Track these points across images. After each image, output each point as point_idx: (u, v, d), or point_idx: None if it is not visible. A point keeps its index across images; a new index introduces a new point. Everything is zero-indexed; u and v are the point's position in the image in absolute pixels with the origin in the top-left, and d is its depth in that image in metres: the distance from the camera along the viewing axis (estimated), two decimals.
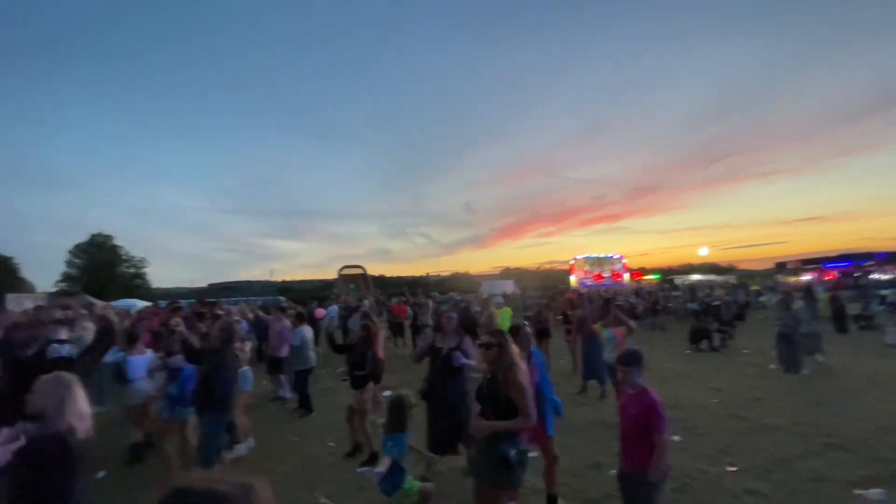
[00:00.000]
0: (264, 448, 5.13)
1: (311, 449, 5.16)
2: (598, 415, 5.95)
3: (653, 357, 10.25)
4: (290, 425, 6.09)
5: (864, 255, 35.31)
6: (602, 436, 5.12)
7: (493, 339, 2.82)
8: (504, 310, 9.84)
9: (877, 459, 4.23)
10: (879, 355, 9.20)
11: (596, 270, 34.13)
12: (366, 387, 4.75)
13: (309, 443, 5.38)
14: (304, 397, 6.47)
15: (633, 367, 2.90)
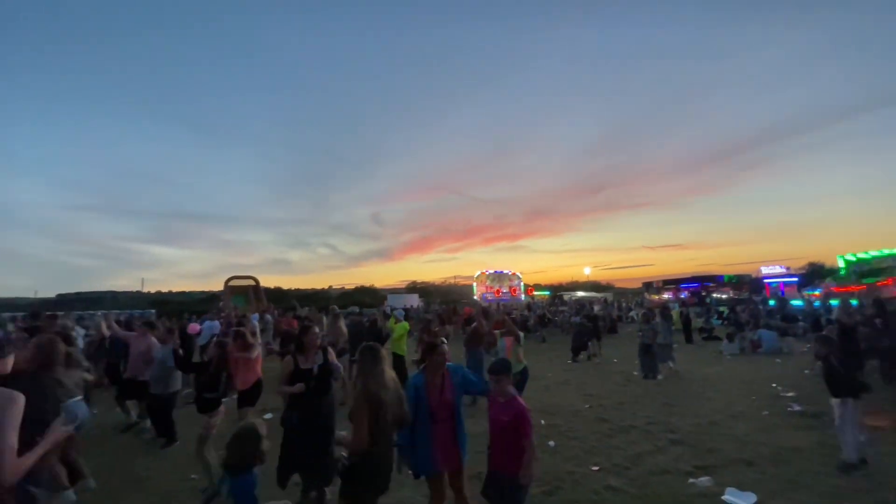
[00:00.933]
0: (107, 487, 4.35)
1: (165, 484, 4.51)
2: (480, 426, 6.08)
3: (539, 367, 10.96)
4: (144, 459, 5.27)
5: (710, 278, 42.12)
6: (483, 446, 5.27)
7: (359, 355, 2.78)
8: (402, 324, 9.78)
9: (708, 451, 4.94)
10: (716, 362, 10.93)
11: (496, 286, 36.00)
12: (216, 411, 4.34)
13: (164, 477, 4.69)
14: (166, 425, 5.67)
15: (502, 376, 3.03)
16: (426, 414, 2.92)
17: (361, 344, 2.94)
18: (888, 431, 5.17)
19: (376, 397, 2.56)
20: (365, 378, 2.64)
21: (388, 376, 2.70)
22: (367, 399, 2.55)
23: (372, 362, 2.69)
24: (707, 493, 3.95)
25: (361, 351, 2.80)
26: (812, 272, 40.40)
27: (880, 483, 3.93)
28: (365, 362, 2.70)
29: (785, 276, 32.01)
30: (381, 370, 2.68)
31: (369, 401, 2.54)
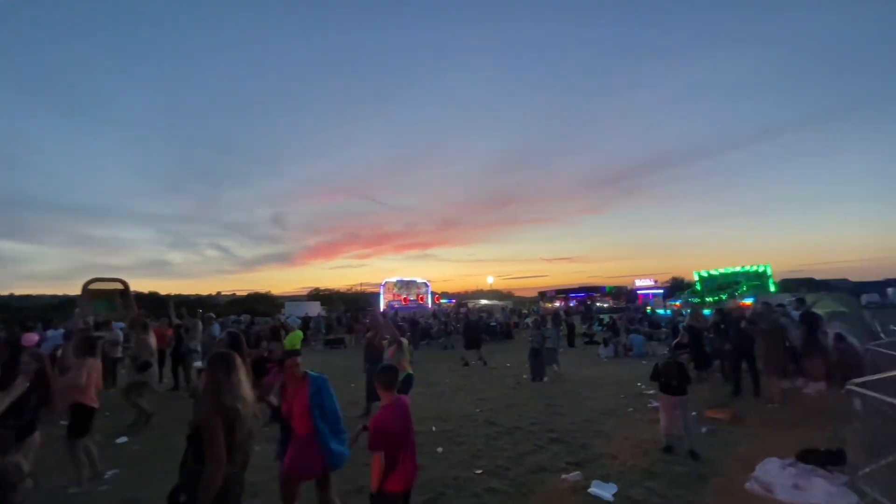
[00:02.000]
0: None
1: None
2: None
3: (437, 373, 11.03)
4: None
5: (595, 289, 46.63)
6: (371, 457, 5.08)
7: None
8: (296, 333, 9.16)
9: (581, 447, 5.30)
10: (594, 365, 11.98)
11: (404, 293, 35.81)
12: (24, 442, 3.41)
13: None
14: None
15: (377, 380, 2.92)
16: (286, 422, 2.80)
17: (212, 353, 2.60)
18: (726, 423, 6.02)
19: (231, 410, 2.25)
20: (217, 389, 2.31)
21: (245, 387, 2.40)
22: (220, 412, 2.23)
23: (225, 371, 2.37)
24: (577, 486, 4.20)
25: (211, 359, 2.46)
26: (674, 285, 46.85)
27: (716, 469, 4.52)
28: (216, 371, 2.37)
29: (653, 288, 36.66)
30: (236, 380, 2.37)
31: (221, 414, 2.22)
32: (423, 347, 17.11)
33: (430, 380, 10.07)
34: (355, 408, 7.56)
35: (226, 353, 2.49)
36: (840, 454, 4.28)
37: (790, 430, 5.59)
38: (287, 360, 3.32)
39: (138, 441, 5.98)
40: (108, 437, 6.08)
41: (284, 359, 3.38)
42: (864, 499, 3.68)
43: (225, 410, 2.24)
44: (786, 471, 4.25)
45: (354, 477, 4.54)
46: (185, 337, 9.10)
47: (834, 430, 5.11)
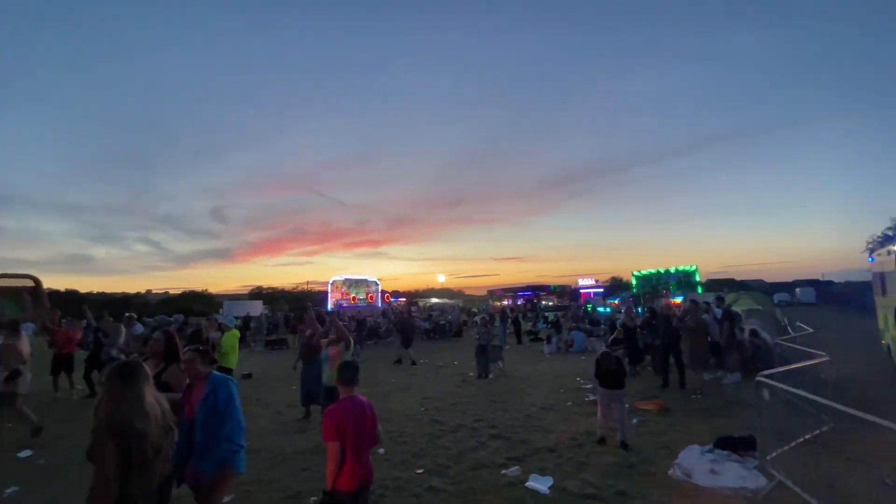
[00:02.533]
0: None
1: None
2: (312, 442, 5.65)
3: (383, 373, 10.88)
4: None
5: (541, 288, 48.17)
6: (311, 462, 4.91)
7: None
8: (232, 332, 8.65)
9: (521, 442, 5.41)
10: (538, 361, 12.33)
11: (353, 292, 35.00)
12: None
13: None
14: None
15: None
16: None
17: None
18: (655, 414, 6.38)
19: (127, 427, 2.03)
20: (110, 403, 2.07)
21: (148, 401, 2.16)
22: (112, 430, 1.99)
23: (121, 384, 2.13)
24: (515, 481, 4.27)
25: (109, 371, 2.22)
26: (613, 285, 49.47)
27: (644, 458, 4.77)
28: (111, 384, 2.13)
29: (595, 287, 38.48)
30: (136, 393, 2.12)
31: (115, 433, 1.99)
32: (371, 347, 16.83)
33: (375, 380, 9.91)
34: (295, 410, 7.30)
35: (126, 363, 2.27)
36: (751, 440, 4.66)
37: (710, 419, 6.04)
38: (186, 354, 3.01)
39: (45, 454, 5.38)
40: (9, 450, 5.44)
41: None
42: (772, 481, 4.02)
43: (118, 429, 2.02)
44: (704, 457, 4.56)
45: (289, 484, 4.36)
46: (104, 343, 8.33)
47: (747, 417, 5.57)
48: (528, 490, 4.07)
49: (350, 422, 2.72)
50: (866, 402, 5.96)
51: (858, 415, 3.44)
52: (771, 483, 3.98)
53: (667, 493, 3.92)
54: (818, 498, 3.55)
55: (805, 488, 3.73)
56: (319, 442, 5.55)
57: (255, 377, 10.86)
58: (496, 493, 4.05)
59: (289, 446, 5.54)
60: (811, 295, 41.89)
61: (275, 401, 8.16)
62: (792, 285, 47.88)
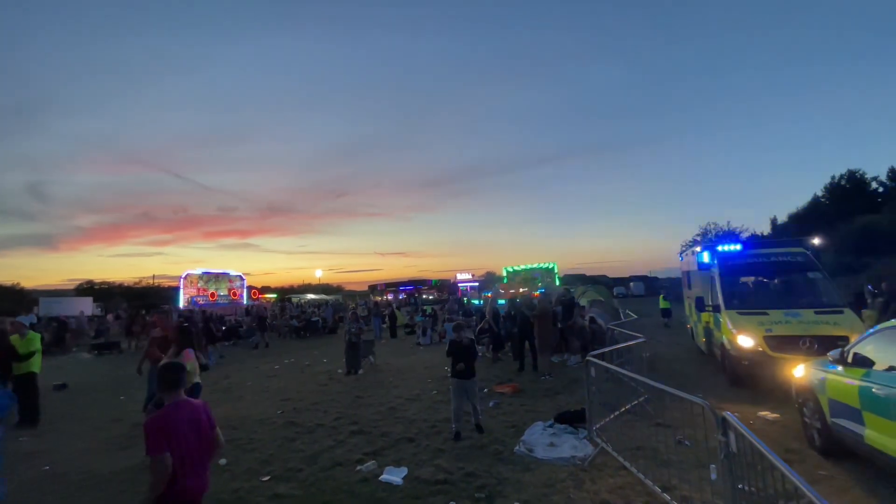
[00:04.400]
0: None
1: None
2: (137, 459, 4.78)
3: (241, 375, 9.88)
4: None
5: (422, 282, 49.16)
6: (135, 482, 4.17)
7: None
8: (31, 336, 6.94)
9: (381, 435, 5.31)
10: (412, 353, 12.45)
11: (211, 288, 31.18)
12: None
13: None
14: None
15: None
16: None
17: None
18: (510, 396, 6.85)
19: None
20: None
21: None
22: None
23: None
24: (369, 476, 4.15)
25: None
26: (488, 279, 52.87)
27: (495, 438, 5.04)
28: None
29: (471, 281, 40.62)
30: None
31: None
32: (229, 348, 15.21)
33: (230, 382, 8.93)
34: (120, 425, 6.20)
35: None
36: (582, 413, 5.25)
37: (555, 397, 6.70)
38: None
39: None
40: None
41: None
42: (597, 448, 4.57)
43: None
44: (545, 432, 5.02)
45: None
46: None
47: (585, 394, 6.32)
48: (382, 483, 3.98)
49: (181, 429, 2.32)
50: (673, 376, 7.28)
51: (661, 387, 4.10)
52: (595, 450, 4.53)
53: (510, 469, 4.18)
54: (631, 460, 4.13)
55: (620, 452, 4.31)
56: (142, 459, 4.74)
57: (72, 387, 9.01)
58: (348, 492, 3.88)
59: (106, 467, 4.63)
60: (641, 288, 50.24)
61: (95, 415, 6.83)
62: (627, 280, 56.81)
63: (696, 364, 9.07)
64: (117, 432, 5.97)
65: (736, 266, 8.04)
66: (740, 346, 6.52)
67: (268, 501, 3.77)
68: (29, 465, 4.80)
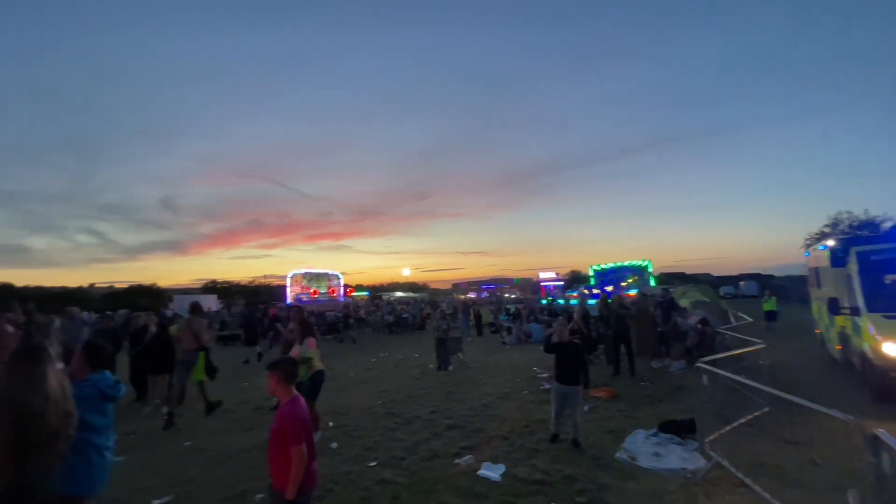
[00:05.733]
0: None
1: None
2: (259, 439, 5.43)
3: (342, 367, 10.68)
4: None
5: (505, 281, 49.04)
6: (260, 460, 4.72)
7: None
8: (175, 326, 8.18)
9: (474, 432, 5.44)
10: (498, 352, 12.49)
11: (313, 286, 34.15)
12: None
13: None
14: None
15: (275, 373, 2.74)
16: None
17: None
18: (605, 400, 6.58)
19: (25, 407, 1.89)
20: (11, 383, 1.94)
21: (51, 383, 2.02)
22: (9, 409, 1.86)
23: (25, 364, 2.01)
24: (468, 470, 4.28)
25: (13, 353, 2.07)
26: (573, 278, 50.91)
27: (593, 443, 4.90)
28: (13, 364, 2.00)
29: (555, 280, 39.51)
30: (40, 375, 1.99)
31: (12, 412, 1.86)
32: (329, 342, 16.51)
33: (333, 375, 9.70)
34: (244, 408, 7.09)
35: (31, 345, 2.13)
36: (692, 424, 4.88)
37: (656, 405, 6.30)
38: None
39: None
40: None
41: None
42: (710, 461, 4.23)
43: (15, 408, 1.88)
44: (649, 441, 4.75)
45: (233, 483, 4.17)
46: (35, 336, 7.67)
47: (690, 402, 5.85)
48: (480, 478, 4.08)
49: (306, 419, 2.67)
50: (801, 387, 6.42)
51: (792, 399, 3.67)
52: (709, 464, 4.19)
53: (612, 476, 4.04)
54: (752, 477, 3.76)
55: (740, 468, 3.94)
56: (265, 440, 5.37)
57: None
58: (448, 483, 4.04)
59: (234, 444, 5.32)
60: (754, 287, 44.77)
61: (224, 398, 7.84)
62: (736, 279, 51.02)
63: (826, 374, 7.93)
64: (242, 414, 6.79)
65: (879, 262, 6.85)
66: (886, 355, 5.59)
67: (375, 485, 4.06)
68: (174, 440, 5.61)
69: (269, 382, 2.79)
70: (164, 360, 7.10)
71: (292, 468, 2.49)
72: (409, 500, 3.78)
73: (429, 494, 3.84)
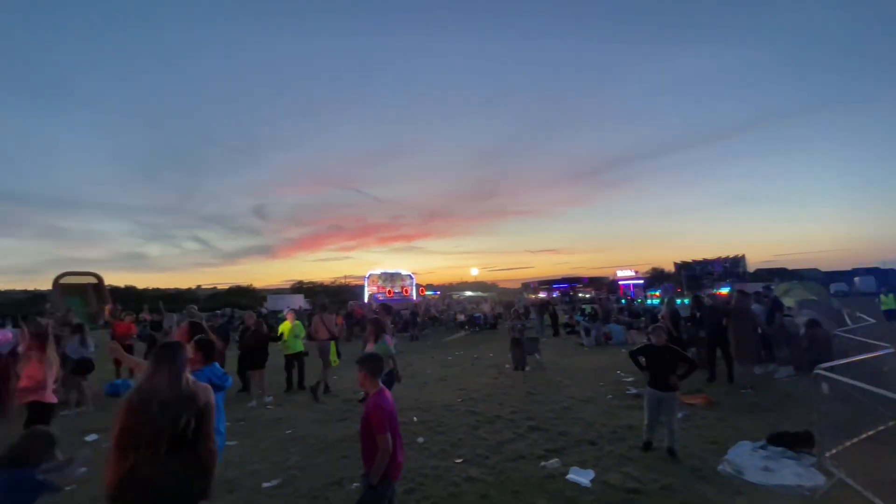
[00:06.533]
0: None
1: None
2: (350, 430, 5.79)
3: (419, 364, 11.02)
4: None
5: (577, 279, 47.24)
6: (353, 450, 5.04)
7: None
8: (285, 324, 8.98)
9: (560, 434, 5.34)
10: (576, 353, 12.11)
11: (388, 286, 35.66)
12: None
13: None
14: None
15: (363, 368, 2.95)
16: None
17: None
18: (701, 408, 6.14)
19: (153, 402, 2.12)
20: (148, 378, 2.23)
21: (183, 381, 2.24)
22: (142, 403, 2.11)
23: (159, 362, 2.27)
24: (555, 473, 4.23)
25: (154, 350, 2.39)
26: (654, 276, 47.71)
27: (690, 453, 4.59)
28: (153, 360, 2.29)
29: (634, 278, 37.26)
30: (175, 372, 2.24)
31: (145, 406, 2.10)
32: (405, 339, 17.07)
33: (412, 371, 10.04)
34: (336, 400, 7.57)
35: (169, 343, 2.42)
36: (808, 436, 4.39)
37: (761, 415, 5.75)
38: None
39: (108, 438, 5.80)
40: (77, 434, 5.89)
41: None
42: (831, 479, 3.79)
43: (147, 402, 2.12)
44: (756, 453, 4.36)
45: (331, 471, 4.49)
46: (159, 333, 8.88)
47: (802, 413, 5.26)
48: (569, 483, 4.02)
49: (394, 412, 2.85)
50: None
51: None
52: (830, 481, 3.75)
53: (716, 490, 3.77)
54: (882, 497, 3.32)
55: (868, 486, 3.49)
56: (356, 431, 5.72)
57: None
58: (536, 485, 4.02)
59: (330, 434, 5.71)
60: (872, 283, 38.85)
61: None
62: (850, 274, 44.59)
63: None
64: (334, 406, 7.25)
65: None
66: None
67: (463, 482, 4.15)
68: (277, 428, 6.12)
69: (358, 376, 3.02)
70: (258, 356, 7.85)
71: (378, 455, 2.67)
72: (497, 499, 3.81)
73: (517, 495, 3.85)
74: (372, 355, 3.18)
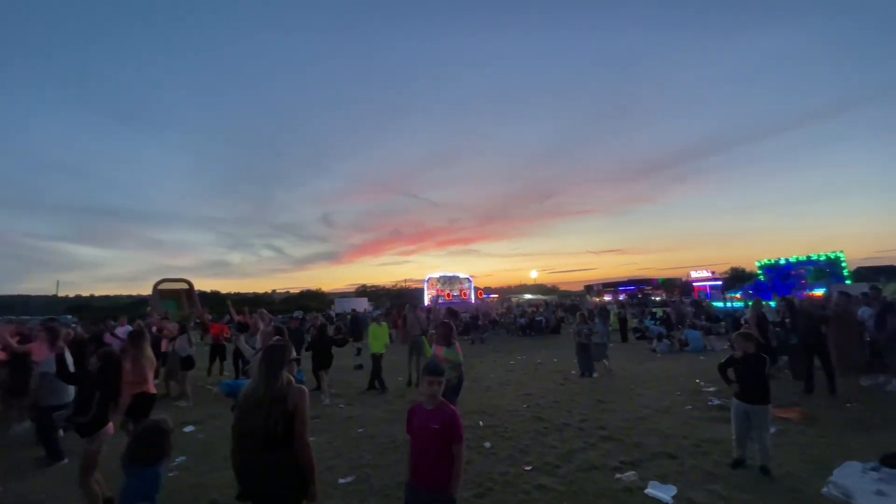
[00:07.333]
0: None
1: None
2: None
3: (482, 368, 11.00)
4: (39, 479, 4.63)
5: (646, 281, 44.71)
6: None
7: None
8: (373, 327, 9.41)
9: (634, 445, 5.08)
10: (648, 360, 11.48)
11: (447, 289, 36.04)
12: (97, 435, 3.59)
13: (58, 500, 4.14)
14: (48, 441, 5.06)
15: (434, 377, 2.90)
16: None
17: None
18: (796, 423, 5.57)
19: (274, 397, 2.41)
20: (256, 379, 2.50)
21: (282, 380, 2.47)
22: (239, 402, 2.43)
23: (266, 363, 2.50)
24: (631, 486, 4.03)
25: (264, 350, 2.62)
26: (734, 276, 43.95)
27: (786, 472, 4.18)
28: (261, 361, 2.53)
29: (711, 280, 34.55)
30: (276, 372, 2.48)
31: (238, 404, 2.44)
32: (465, 343, 17.13)
33: (474, 375, 10.06)
34: (401, 401, 7.75)
35: (275, 345, 2.61)
36: None
37: (870, 432, 5.10)
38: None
39: (204, 430, 6.39)
40: (176, 425, 6.53)
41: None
42: None
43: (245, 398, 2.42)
44: (867, 475, 3.87)
45: (401, 470, 4.53)
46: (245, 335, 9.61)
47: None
48: (648, 497, 3.81)
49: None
50: None
51: None
52: None
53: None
54: None
55: None
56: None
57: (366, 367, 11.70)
58: (612, 498, 3.86)
59: (399, 434, 5.85)
60: None
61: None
62: None
63: None
64: (400, 406, 7.42)
65: None
66: None
67: (534, 490, 4.07)
68: (349, 427, 6.36)
69: (432, 385, 2.89)
70: (323, 356, 8.29)
71: (456, 466, 2.51)
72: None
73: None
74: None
